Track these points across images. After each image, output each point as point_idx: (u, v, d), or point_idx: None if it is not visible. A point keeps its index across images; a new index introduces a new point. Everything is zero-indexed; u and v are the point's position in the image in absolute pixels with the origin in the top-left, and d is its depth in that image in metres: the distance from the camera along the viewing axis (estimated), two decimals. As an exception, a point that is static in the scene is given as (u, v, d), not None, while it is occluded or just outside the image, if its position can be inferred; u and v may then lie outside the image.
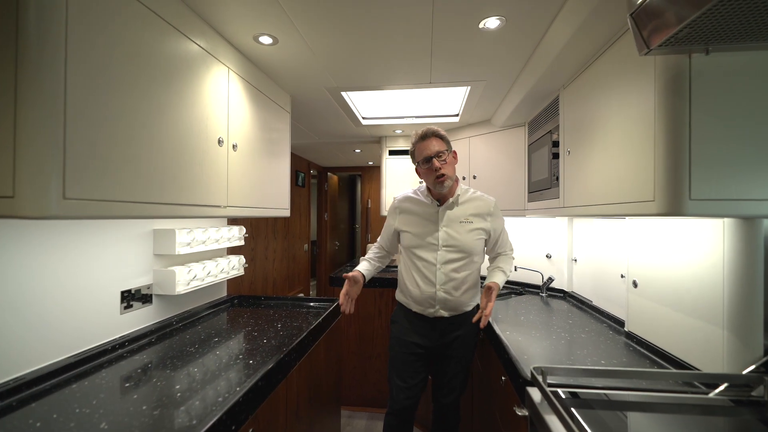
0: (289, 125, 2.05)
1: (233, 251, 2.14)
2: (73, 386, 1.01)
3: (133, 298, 1.35)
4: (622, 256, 1.60)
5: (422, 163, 1.47)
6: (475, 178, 2.52)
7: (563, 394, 0.96)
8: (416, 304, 1.53)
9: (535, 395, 0.97)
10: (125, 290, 1.32)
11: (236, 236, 1.88)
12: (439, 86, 1.92)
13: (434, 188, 1.48)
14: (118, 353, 1.23)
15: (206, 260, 1.72)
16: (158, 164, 1.07)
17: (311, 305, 1.92)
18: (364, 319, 2.55)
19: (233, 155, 1.48)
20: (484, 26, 1.32)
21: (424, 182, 1.56)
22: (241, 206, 1.54)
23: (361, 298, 2.51)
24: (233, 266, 1.86)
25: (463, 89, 2.05)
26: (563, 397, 0.95)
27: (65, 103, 0.79)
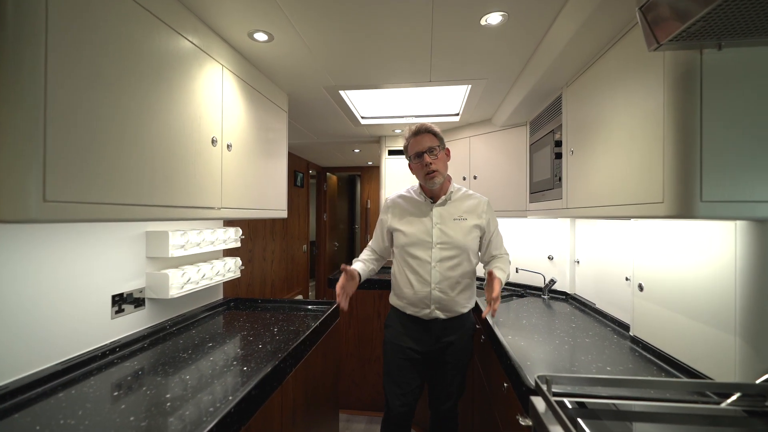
0: (286, 125, 2.01)
1: (230, 253, 2.10)
2: (59, 395, 0.97)
3: (124, 302, 1.31)
4: (626, 258, 1.56)
5: (414, 158, 1.48)
6: (475, 178, 2.48)
7: (569, 403, 0.92)
8: (411, 305, 1.50)
9: (539, 405, 0.93)
10: (116, 294, 1.28)
11: (232, 238, 1.84)
12: (439, 85, 1.88)
13: (425, 184, 1.48)
14: (108, 359, 1.19)
15: (201, 262, 1.68)
16: (149, 165, 1.03)
17: (309, 308, 1.88)
18: (362, 321, 2.51)
19: (227, 155, 1.44)
20: (485, 22, 1.28)
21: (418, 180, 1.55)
22: (235, 207, 1.51)
23: (359, 299, 2.47)
24: (229, 268, 1.82)
25: (463, 88, 2.01)
26: (569, 407, 0.91)
27: (45, 102, 0.75)
